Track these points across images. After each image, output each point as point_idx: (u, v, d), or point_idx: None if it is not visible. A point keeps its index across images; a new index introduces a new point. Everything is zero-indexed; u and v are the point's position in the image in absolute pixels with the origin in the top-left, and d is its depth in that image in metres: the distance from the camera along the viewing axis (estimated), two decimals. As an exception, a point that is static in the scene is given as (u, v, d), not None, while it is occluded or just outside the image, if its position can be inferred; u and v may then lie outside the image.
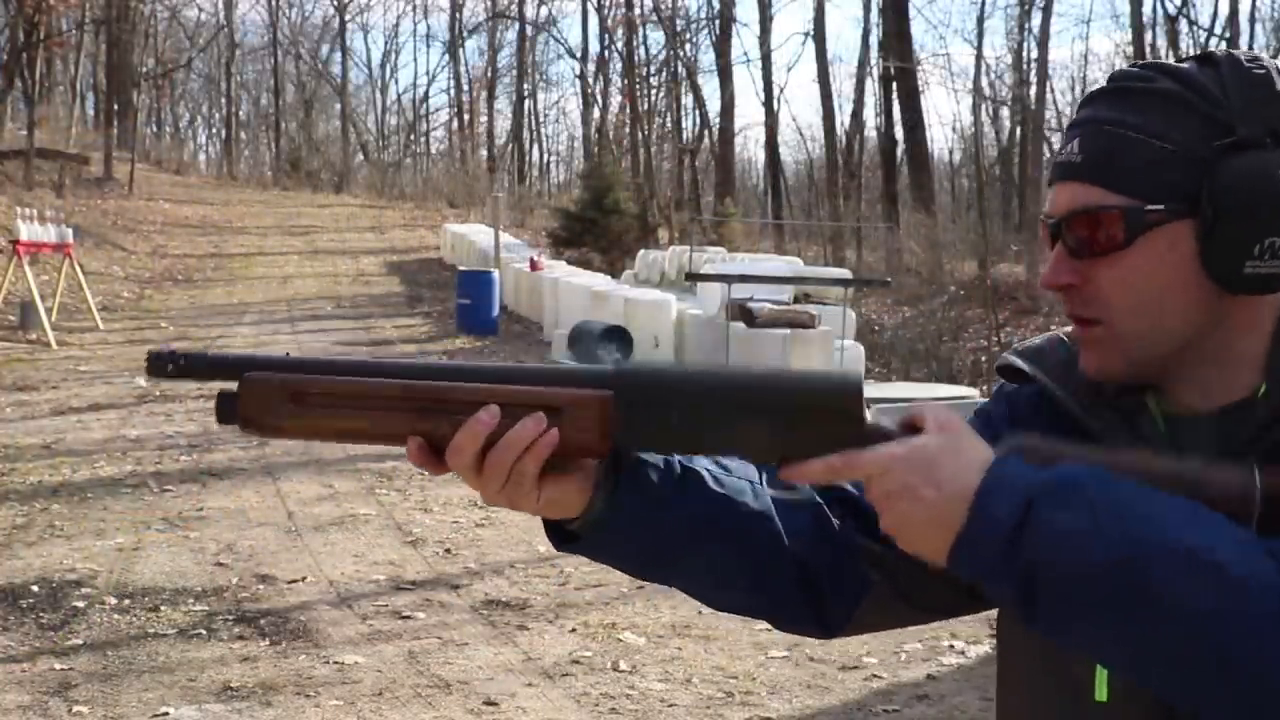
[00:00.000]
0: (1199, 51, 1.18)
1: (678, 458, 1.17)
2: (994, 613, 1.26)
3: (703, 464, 1.19)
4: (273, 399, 1.08)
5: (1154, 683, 0.99)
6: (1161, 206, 1.10)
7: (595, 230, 25.72)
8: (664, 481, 1.15)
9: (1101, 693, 1.13)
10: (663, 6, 38.74)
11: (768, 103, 36.84)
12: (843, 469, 1.06)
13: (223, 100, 52.07)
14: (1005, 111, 31.59)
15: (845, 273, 18.55)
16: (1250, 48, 24.08)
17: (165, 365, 1.10)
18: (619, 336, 14.16)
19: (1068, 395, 1.22)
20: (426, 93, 71.93)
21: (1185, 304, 1.12)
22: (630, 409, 1.07)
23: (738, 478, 1.21)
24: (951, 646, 5.43)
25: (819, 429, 1.06)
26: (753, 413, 1.06)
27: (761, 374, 1.09)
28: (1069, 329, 1.25)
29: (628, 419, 1.07)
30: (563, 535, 1.18)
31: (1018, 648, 1.23)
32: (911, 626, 1.45)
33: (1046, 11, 26.35)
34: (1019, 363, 1.27)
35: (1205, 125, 1.10)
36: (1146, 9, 25.25)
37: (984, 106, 31.45)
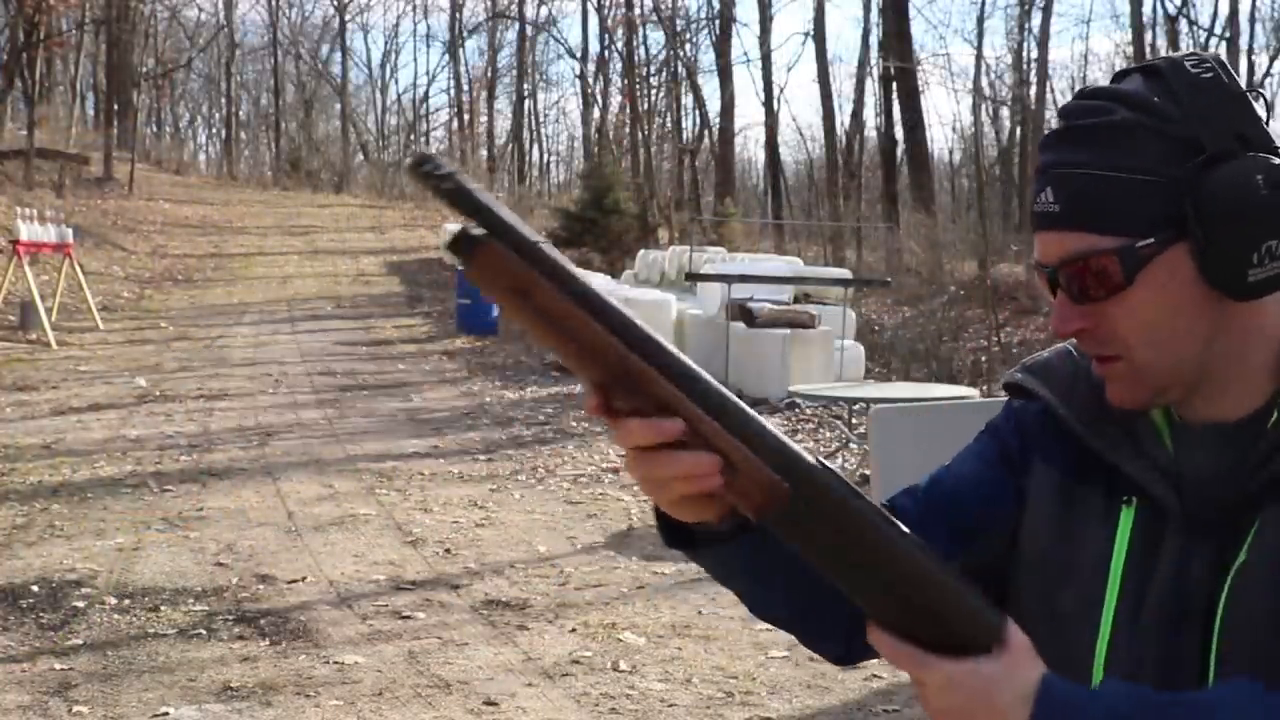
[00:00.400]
0: (1143, 62, 1.17)
1: None
2: None
3: None
4: (498, 275, 1.02)
5: None
6: (1153, 239, 1.10)
7: (595, 230, 25.71)
8: None
9: None
10: (663, 6, 38.69)
11: (768, 103, 36.81)
12: (908, 662, 1.05)
13: (223, 100, 52.06)
14: (1005, 111, 31.58)
15: (845, 273, 18.53)
16: (1250, 48, 24.09)
17: (430, 172, 1.01)
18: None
19: (1070, 414, 1.23)
20: (426, 93, 71.97)
21: (1196, 322, 1.13)
22: (795, 506, 1.03)
23: None
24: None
25: (937, 633, 1.04)
26: (893, 587, 1.04)
27: (938, 572, 1.05)
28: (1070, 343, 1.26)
29: (786, 514, 1.04)
30: (674, 533, 1.17)
31: None
32: None
33: (1046, 11, 26.34)
34: (1025, 382, 1.28)
35: (1173, 147, 1.10)
36: (1146, 9, 25.20)
37: (984, 106, 31.43)
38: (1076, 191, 1.12)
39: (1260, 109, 1.13)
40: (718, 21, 39.07)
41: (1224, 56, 1.16)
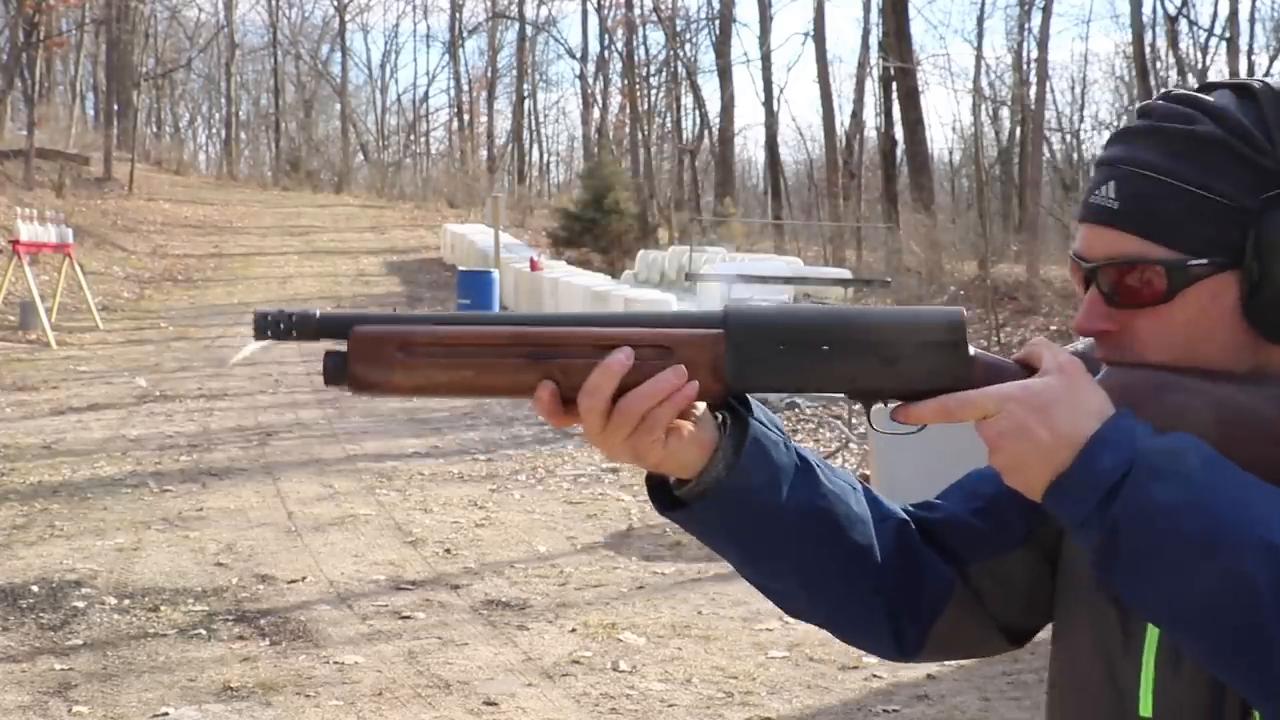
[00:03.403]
0: (1235, 79, 1.13)
1: (793, 445, 1.16)
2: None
3: (814, 457, 1.18)
4: (383, 351, 1.06)
5: (1209, 663, 1.01)
6: (1205, 260, 1.08)
7: (595, 230, 25.72)
8: (783, 462, 1.14)
9: (1146, 707, 1.12)
10: (663, 6, 38.73)
11: (768, 103, 36.81)
12: (957, 409, 1.06)
13: (223, 100, 52.03)
14: (1005, 111, 31.57)
15: (845, 273, 18.57)
16: (1250, 48, 24.07)
17: (272, 325, 1.07)
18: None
19: None
20: (426, 93, 71.96)
21: (1221, 353, 1.10)
22: (741, 348, 1.08)
23: (842, 479, 1.20)
24: (960, 660, 5.42)
25: (925, 362, 1.08)
26: (857, 349, 1.09)
27: (864, 311, 1.11)
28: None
29: (739, 358, 1.08)
30: (667, 501, 1.16)
31: (1069, 661, 1.23)
32: (987, 655, 1.43)
33: (1046, 11, 26.25)
34: None
35: (1251, 175, 1.07)
36: (1146, 9, 25.16)
37: (984, 106, 31.41)
38: (1140, 193, 1.09)
39: None
40: (717, 21, 39.12)
41: (1224, 56, 1.14)
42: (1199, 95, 1.11)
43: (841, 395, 1.13)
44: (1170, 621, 1.01)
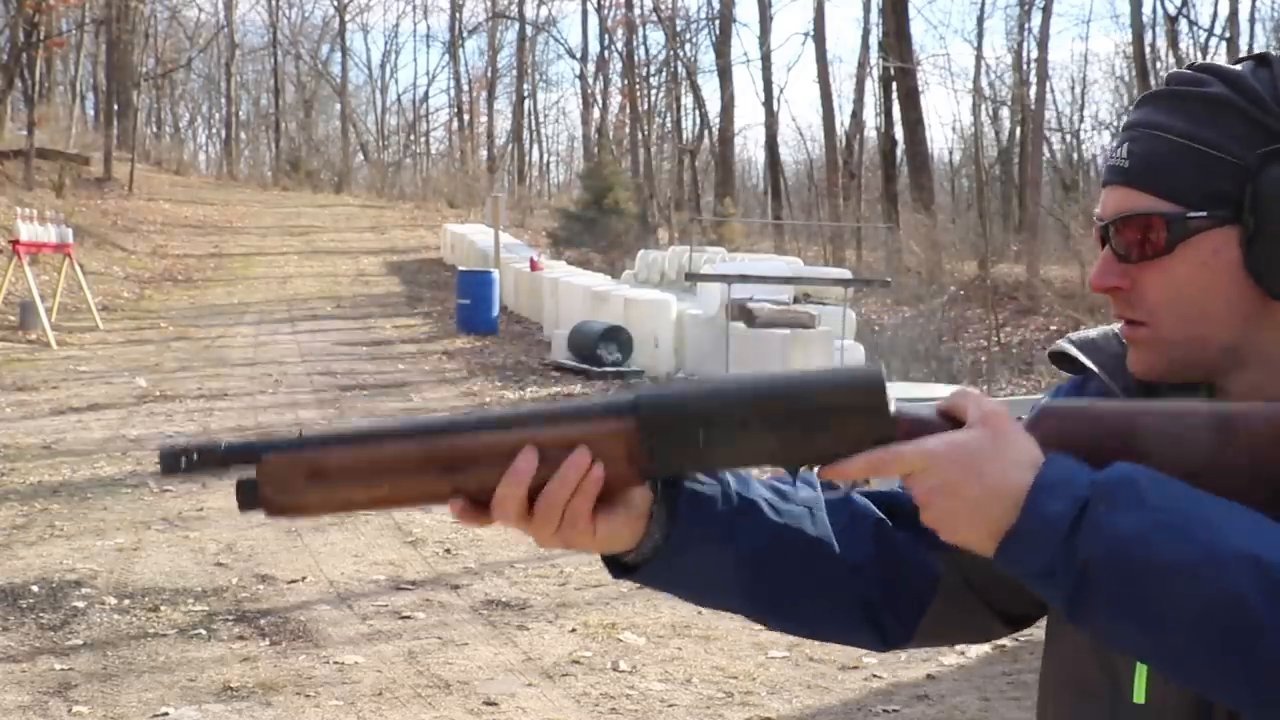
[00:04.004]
0: (1255, 52, 1.17)
1: (735, 488, 1.15)
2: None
3: (760, 492, 1.17)
4: (292, 479, 1.06)
5: (1196, 681, 1.00)
6: (1204, 213, 1.10)
7: (595, 230, 25.73)
8: (722, 513, 1.14)
9: (1140, 694, 1.13)
10: (663, 6, 38.77)
11: (768, 103, 36.82)
12: (882, 465, 1.05)
13: (223, 100, 52.04)
14: (1005, 111, 31.57)
15: (845, 273, 18.55)
16: (1250, 48, 24.06)
17: (178, 461, 1.06)
18: (619, 336, 14.17)
19: (1119, 391, 1.21)
20: (426, 93, 72.08)
21: (1228, 309, 1.12)
22: (655, 434, 1.05)
23: (795, 504, 1.19)
24: (951, 646, 5.43)
25: (847, 427, 1.05)
26: (777, 421, 1.05)
27: (781, 379, 1.08)
28: (1119, 325, 1.24)
29: (654, 444, 1.06)
30: (621, 566, 1.16)
31: (1065, 654, 1.23)
32: (982, 640, 1.43)
33: (1046, 11, 26.27)
34: (1073, 350, 1.26)
35: (1252, 131, 1.09)
36: (1146, 9, 25.19)
37: (984, 106, 31.42)
38: (1147, 152, 1.13)
39: None
40: (717, 21, 39.13)
41: (1224, 57, 1.16)
42: (1219, 65, 1.15)
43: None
44: (1156, 648, 0.99)
